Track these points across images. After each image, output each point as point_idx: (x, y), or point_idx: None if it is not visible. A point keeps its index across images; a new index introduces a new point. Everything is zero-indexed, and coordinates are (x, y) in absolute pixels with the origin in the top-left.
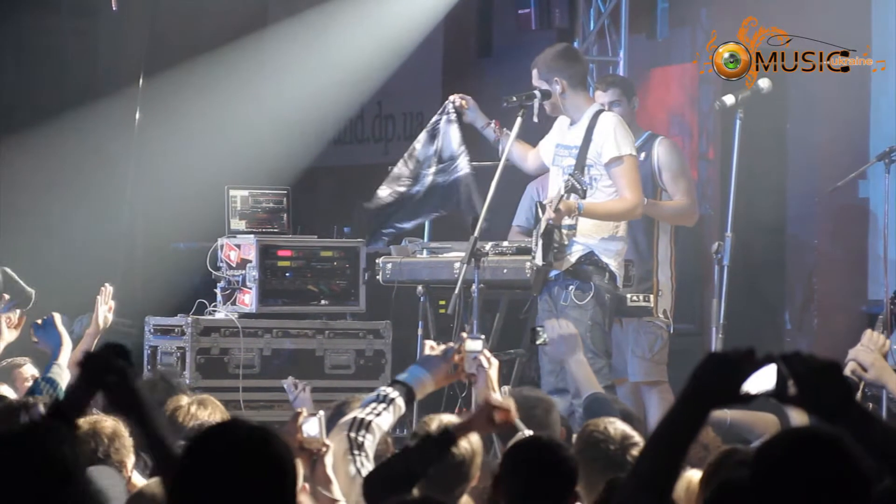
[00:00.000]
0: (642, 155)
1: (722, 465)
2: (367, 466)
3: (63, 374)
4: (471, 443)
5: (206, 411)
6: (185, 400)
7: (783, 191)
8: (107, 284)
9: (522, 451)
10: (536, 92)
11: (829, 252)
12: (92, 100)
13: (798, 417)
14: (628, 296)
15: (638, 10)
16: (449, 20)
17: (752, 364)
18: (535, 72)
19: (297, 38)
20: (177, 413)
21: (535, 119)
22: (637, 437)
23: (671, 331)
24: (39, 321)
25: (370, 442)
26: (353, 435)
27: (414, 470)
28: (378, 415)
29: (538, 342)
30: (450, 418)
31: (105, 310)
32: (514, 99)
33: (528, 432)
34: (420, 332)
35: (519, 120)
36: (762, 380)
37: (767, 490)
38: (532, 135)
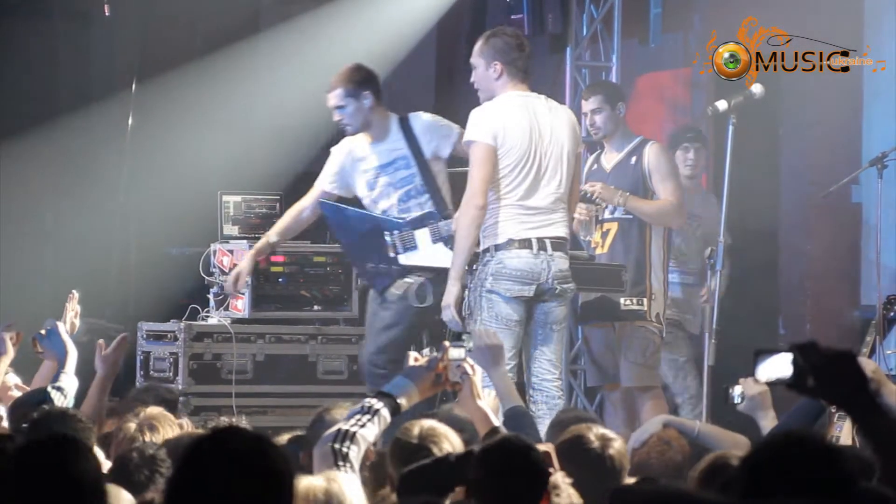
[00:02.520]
0: (633, 159)
1: (715, 471)
2: (353, 477)
3: (71, 382)
4: None
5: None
6: (133, 423)
7: (776, 196)
8: (74, 291)
9: (495, 453)
10: None
11: (822, 257)
12: (84, 105)
13: (770, 428)
14: (621, 300)
15: (630, 15)
16: (441, 25)
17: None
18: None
19: (290, 43)
20: (121, 433)
21: None
22: (613, 435)
23: (664, 336)
24: (43, 331)
25: (355, 453)
26: (337, 446)
27: (451, 479)
28: (363, 426)
29: (465, 348)
30: (430, 423)
31: (72, 316)
32: None
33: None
34: None
35: None
36: (778, 367)
37: (757, 491)
38: None
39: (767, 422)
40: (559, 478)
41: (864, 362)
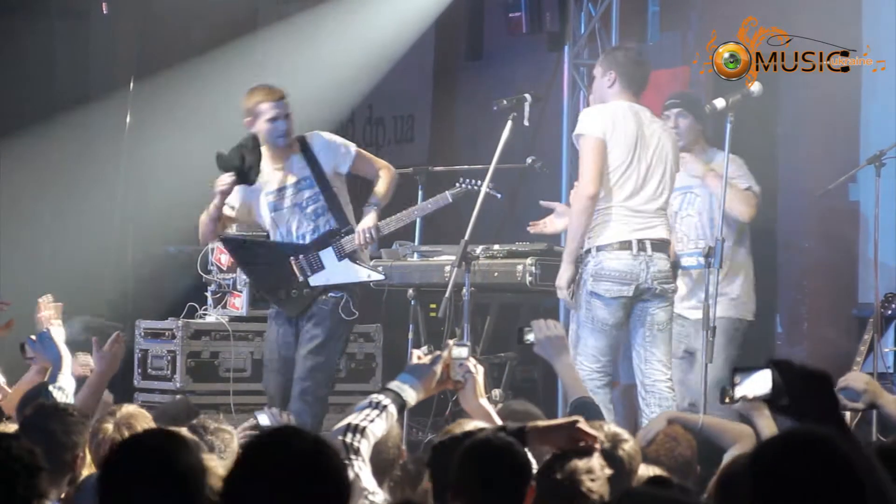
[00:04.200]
0: None
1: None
2: (365, 470)
3: (70, 382)
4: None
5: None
6: (110, 424)
7: (774, 194)
8: (48, 295)
9: (476, 452)
10: (527, 95)
11: (819, 255)
12: (82, 103)
13: (767, 428)
14: None
15: (628, 13)
16: (439, 23)
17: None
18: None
19: (288, 41)
20: (99, 433)
21: (526, 122)
22: (626, 435)
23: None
24: (34, 336)
25: (365, 447)
26: (347, 440)
27: None
28: (371, 421)
29: (525, 341)
30: (480, 426)
31: (49, 315)
32: (505, 102)
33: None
34: (410, 335)
35: (510, 123)
36: (757, 384)
37: (765, 490)
38: (523, 137)
39: (763, 420)
40: (596, 463)
41: (857, 376)
